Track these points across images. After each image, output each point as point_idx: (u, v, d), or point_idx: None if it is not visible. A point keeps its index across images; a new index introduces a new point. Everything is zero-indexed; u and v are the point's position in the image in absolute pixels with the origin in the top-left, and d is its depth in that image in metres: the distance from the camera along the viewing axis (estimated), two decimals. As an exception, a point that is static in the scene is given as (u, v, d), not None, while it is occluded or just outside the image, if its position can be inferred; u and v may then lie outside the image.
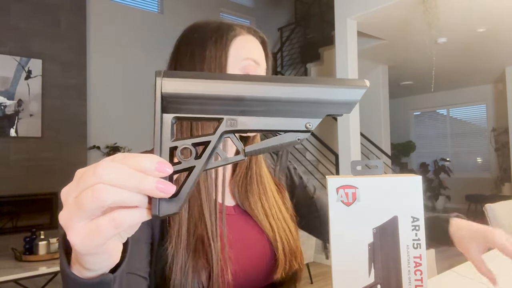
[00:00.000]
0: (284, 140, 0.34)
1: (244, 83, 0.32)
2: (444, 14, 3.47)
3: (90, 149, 4.59)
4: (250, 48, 0.71)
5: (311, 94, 0.33)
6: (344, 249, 0.54)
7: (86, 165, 1.23)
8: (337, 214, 0.55)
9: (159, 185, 0.28)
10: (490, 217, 1.61)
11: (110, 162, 0.29)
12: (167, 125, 0.32)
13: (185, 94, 0.32)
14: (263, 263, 0.70)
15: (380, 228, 0.54)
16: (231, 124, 0.33)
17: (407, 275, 0.53)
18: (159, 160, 0.29)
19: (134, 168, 0.29)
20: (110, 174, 0.28)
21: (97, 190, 0.27)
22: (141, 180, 0.28)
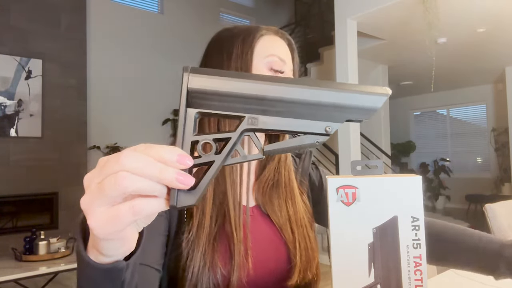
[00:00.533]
0: (304, 142, 0.34)
1: (267, 83, 0.33)
2: (444, 14, 3.47)
3: (90, 149, 4.59)
4: (276, 47, 0.72)
5: (332, 98, 0.34)
6: (344, 249, 0.55)
7: (86, 165, 1.24)
8: (337, 214, 0.55)
9: (179, 177, 0.29)
10: (490, 217, 1.61)
11: (133, 152, 0.30)
12: (191, 119, 0.33)
13: (210, 91, 0.33)
14: (278, 267, 0.70)
15: (380, 228, 0.54)
16: (252, 122, 0.33)
17: (407, 275, 0.53)
18: (180, 152, 0.30)
19: (156, 159, 0.29)
20: (133, 162, 0.29)
21: (120, 177, 0.28)
22: (162, 170, 0.29)
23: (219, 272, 0.62)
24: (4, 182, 3.92)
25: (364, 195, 0.54)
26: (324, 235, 4.10)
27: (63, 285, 3.28)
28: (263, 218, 0.73)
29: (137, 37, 5.23)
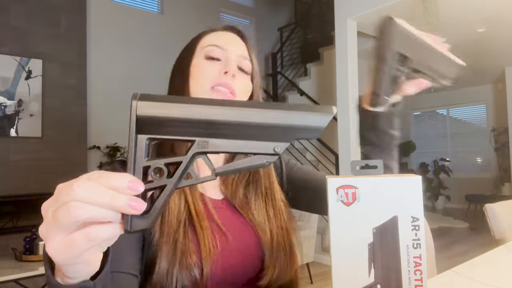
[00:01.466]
0: (254, 162, 0.35)
1: (215, 107, 0.34)
2: (444, 14, 3.47)
3: (90, 149, 4.59)
4: (217, 38, 0.72)
5: (278, 119, 0.34)
6: (344, 249, 0.55)
7: (86, 165, 1.24)
8: (337, 214, 0.55)
9: (131, 203, 0.30)
10: (490, 217, 1.61)
11: (85, 181, 0.31)
12: (141, 145, 0.34)
13: (159, 117, 0.33)
14: (248, 265, 0.68)
15: (380, 228, 0.54)
16: (202, 145, 0.34)
17: (407, 275, 0.53)
18: (131, 179, 0.31)
19: (107, 186, 0.31)
20: (84, 192, 0.30)
21: (72, 207, 0.30)
22: (113, 197, 0.30)
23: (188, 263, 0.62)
24: (4, 182, 3.92)
25: (364, 195, 0.54)
26: (324, 235, 4.09)
27: (63, 285, 3.27)
28: (233, 212, 0.72)
29: (137, 37, 5.23)
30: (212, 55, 0.70)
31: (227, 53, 0.70)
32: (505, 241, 1.52)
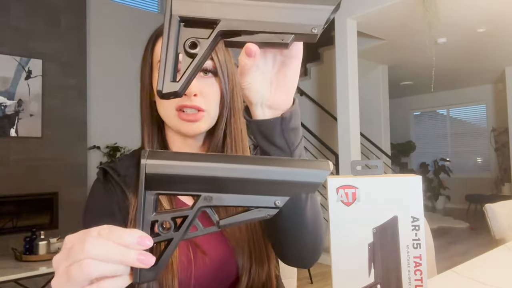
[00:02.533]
0: (255, 215, 0.38)
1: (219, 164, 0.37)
2: (444, 14, 3.47)
3: (90, 149, 4.59)
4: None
5: (278, 175, 0.37)
6: (344, 249, 0.55)
7: (86, 165, 1.23)
8: (337, 214, 0.55)
9: (140, 257, 0.32)
10: (490, 217, 1.61)
11: (97, 238, 0.32)
12: (150, 201, 0.36)
13: (166, 175, 0.36)
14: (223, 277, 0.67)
15: (380, 228, 0.54)
16: (207, 200, 0.37)
17: (407, 275, 0.53)
18: (140, 234, 0.33)
19: (118, 243, 0.32)
20: (96, 250, 0.32)
21: (85, 265, 0.31)
22: (124, 254, 0.32)
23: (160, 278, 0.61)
24: (4, 182, 3.92)
25: (364, 195, 0.54)
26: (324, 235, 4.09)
27: (63, 285, 3.27)
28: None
29: (137, 37, 5.22)
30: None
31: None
32: (505, 241, 1.52)
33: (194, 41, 0.40)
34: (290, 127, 0.50)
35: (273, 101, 0.49)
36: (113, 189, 0.69)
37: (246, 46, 0.40)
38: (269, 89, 0.48)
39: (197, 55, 0.39)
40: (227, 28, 0.40)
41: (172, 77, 0.39)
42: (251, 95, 0.48)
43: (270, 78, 0.48)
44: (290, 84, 0.49)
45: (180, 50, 0.40)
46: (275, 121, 0.49)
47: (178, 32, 0.40)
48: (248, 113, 0.52)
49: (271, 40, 0.40)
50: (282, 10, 0.40)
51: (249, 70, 0.44)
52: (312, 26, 0.40)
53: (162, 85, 0.39)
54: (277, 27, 0.40)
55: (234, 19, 0.40)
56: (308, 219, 0.58)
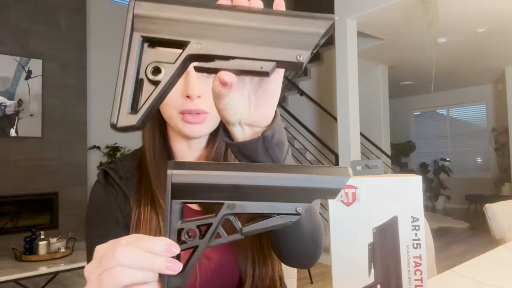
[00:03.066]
0: (277, 222, 0.38)
1: (242, 173, 0.37)
2: (444, 14, 3.47)
3: (90, 149, 4.59)
4: None
5: (299, 183, 0.37)
6: (344, 249, 0.55)
7: (86, 165, 1.23)
8: (337, 214, 0.55)
9: (168, 264, 0.34)
10: (490, 217, 1.61)
11: (126, 246, 0.34)
12: (175, 210, 0.37)
13: (191, 184, 0.37)
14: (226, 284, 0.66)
15: (380, 228, 0.54)
16: (230, 208, 0.37)
17: (407, 275, 0.53)
18: (168, 242, 0.34)
19: (146, 250, 0.34)
20: (127, 257, 0.33)
21: (116, 273, 0.32)
22: (153, 261, 0.33)
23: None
24: (4, 182, 3.92)
25: (364, 195, 0.54)
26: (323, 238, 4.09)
27: (63, 285, 3.28)
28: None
29: (137, 37, 5.23)
30: None
31: None
32: (505, 241, 1.52)
33: (158, 66, 0.35)
34: (273, 143, 0.46)
35: (252, 119, 0.44)
36: (114, 192, 0.68)
37: (220, 75, 0.36)
38: (248, 106, 0.43)
39: (160, 82, 0.34)
40: (197, 52, 0.35)
41: (131, 108, 0.35)
42: (229, 116, 0.43)
43: (248, 93, 0.43)
44: (271, 98, 0.44)
45: (142, 76, 0.35)
46: (256, 141, 0.45)
47: (140, 54, 0.35)
48: (226, 133, 0.47)
49: (249, 68, 0.35)
50: (262, 33, 0.34)
51: (225, 96, 0.40)
52: (297, 53, 0.35)
53: (117, 117, 0.35)
54: (257, 52, 0.34)
55: (206, 41, 0.34)
56: (305, 231, 0.57)
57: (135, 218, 0.65)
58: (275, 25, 0.35)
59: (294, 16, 0.35)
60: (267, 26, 0.35)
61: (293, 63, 0.35)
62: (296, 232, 0.56)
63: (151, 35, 0.35)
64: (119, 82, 0.35)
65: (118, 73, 0.35)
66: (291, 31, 0.35)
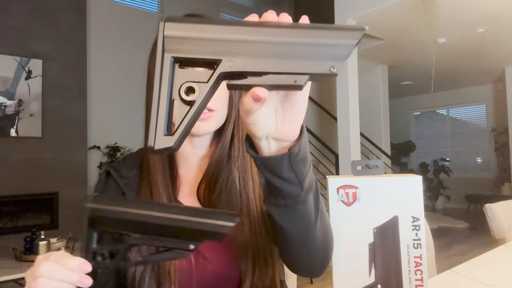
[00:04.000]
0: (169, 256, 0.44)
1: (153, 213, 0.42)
2: (444, 14, 3.47)
3: (90, 149, 4.59)
4: None
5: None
6: (344, 249, 0.55)
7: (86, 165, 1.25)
8: (337, 214, 0.55)
9: (81, 279, 0.44)
10: (490, 217, 1.61)
11: (50, 262, 0.44)
12: (91, 236, 0.45)
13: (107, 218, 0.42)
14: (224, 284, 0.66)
15: (380, 228, 0.54)
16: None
17: (408, 275, 0.53)
18: (82, 261, 0.44)
19: (65, 267, 0.44)
20: (48, 271, 0.44)
21: (39, 282, 0.44)
22: (68, 275, 0.44)
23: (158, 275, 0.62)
24: (4, 182, 3.92)
25: (365, 195, 0.54)
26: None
27: (63, 285, 3.27)
28: None
29: (137, 37, 5.23)
30: None
31: None
32: (505, 241, 1.52)
33: (191, 86, 0.34)
34: (299, 158, 0.45)
35: (279, 133, 0.43)
36: (113, 192, 0.69)
37: (254, 91, 0.35)
38: (275, 121, 0.42)
39: (195, 102, 0.34)
40: (230, 70, 0.34)
41: (166, 129, 0.34)
42: (256, 131, 0.42)
43: (275, 106, 0.42)
44: (298, 112, 0.43)
45: (175, 96, 0.35)
46: (283, 157, 0.44)
47: (172, 75, 0.35)
48: (250, 144, 0.46)
49: (282, 82, 0.34)
50: (294, 47, 0.34)
51: (256, 111, 0.39)
52: (330, 64, 0.34)
53: (154, 140, 0.34)
54: (290, 66, 0.34)
55: (237, 58, 0.34)
56: (318, 239, 0.55)
57: None
58: (306, 38, 0.34)
59: (326, 28, 0.35)
60: (298, 40, 0.34)
61: (326, 74, 0.34)
62: (309, 240, 0.54)
63: (182, 55, 0.35)
64: (154, 105, 0.34)
65: (153, 96, 0.34)
66: (323, 44, 0.34)
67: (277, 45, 0.34)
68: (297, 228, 0.51)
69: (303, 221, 0.50)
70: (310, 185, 0.48)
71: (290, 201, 0.48)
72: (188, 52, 0.35)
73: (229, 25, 0.35)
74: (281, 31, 0.35)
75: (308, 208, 0.49)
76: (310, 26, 0.35)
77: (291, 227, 0.51)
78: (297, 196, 0.47)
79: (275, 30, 0.35)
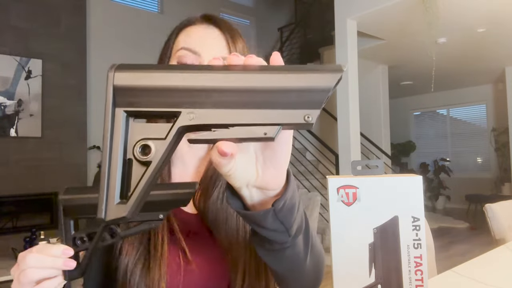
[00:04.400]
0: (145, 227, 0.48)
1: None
2: (444, 14, 3.47)
3: (90, 149, 4.59)
4: (192, 38, 0.65)
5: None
6: (345, 249, 0.54)
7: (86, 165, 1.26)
8: (337, 214, 0.55)
9: (66, 263, 0.47)
10: (490, 217, 1.61)
11: (34, 253, 0.47)
12: (68, 224, 0.49)
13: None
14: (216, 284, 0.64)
15: (380, 228, 0.54)
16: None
17: (408, 275, 0.53)
18: (64, 247, 0.48)
19: (49, 255, 0.47)
20: (34, 261, 0.47)
21: (28, 272, 0.47)
22: (54, 261, 0.47)
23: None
24: (4, 182, 3.92)
25: (365, 195, 0.54)
26: (324, 235, 4.09)
27: (63, 285, 3.27)
28: (202, 232, 0.65)
29: (137, 37, 5.23)
30: (185, 61, 0.63)
31: (200, 58, 0.63)
32: (505, 241, 1.52)
33: (147, 144, 0.30)
34: (285, 210, 0.40)
35: (261, 182, 0.39)
36: None
37: (219, 146, 0.31)
38: (255, 169, 0.38)
39: (151, 162, 0.30)
40: (191, 123, 0.30)
41: (119, 196, 0.29)
42: (234, 181, 0.38)
43: (255, 152, 0.38)
44: (281, 160, 0.38)
45: (130, 155, 0.30)
46: (266, 213, 0.40)
47: (126, 131, 0.30)
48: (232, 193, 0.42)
49: (251, 135, 0.30)
50: (263, 95, 0.30)
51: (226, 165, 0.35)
52: (305, 113, 0.30)
53: (105, 210, 0.29)
54: (259, 117, 0.30)
55: (199, 110, 0.30)
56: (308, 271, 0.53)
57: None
58: (277, 84, 0.30)
59: (297, 71, 0.30)
60: (267, 86, 0.30)
61: (300, 124, 0.30)
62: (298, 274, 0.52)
63: (136, 108, 0.30)
64: (104, 166, 0.29)
65: (102, 159, 0.30)
66: (296, 89, 0.30)
67: (243, 93, 0.30)
68: (285, 267, 0.49)
69: (292, 261, 0.48)
70: (299, 228, 0.45)
71: (277, 246, 0.45)
72: (142, 105, 0.30)
73: (188, 72, 0.30)
74: (247, 76, 0.30)
75: (297, 250, 0.47)
76: (280, 68, 0.31)
77: (279, 267, 0.49)
78: (284, 243, 0.44)
79: (240, 75, 0.30)
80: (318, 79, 0.30)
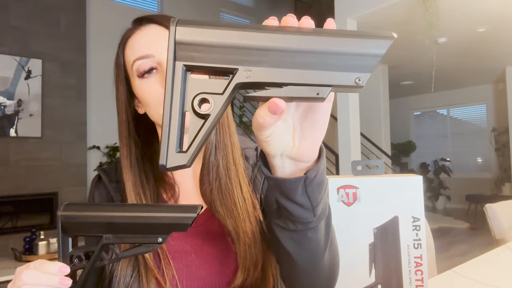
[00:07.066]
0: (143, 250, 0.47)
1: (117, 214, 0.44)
2: (444, 14, 3.47)
3: (90, 149, 4.59)
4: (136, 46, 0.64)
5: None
6: (345, 249, 0.54)
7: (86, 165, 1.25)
8: (338, 214, 0.55)
9: (62, 281, 0.47)
10: (490, 217, 1.61)
11: (31, 269, 0.47)
12: (66, 241, 0.48)
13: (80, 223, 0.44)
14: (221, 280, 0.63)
15: (380, 228, 0.54)
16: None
17: (408, 275, 0.53)
18: (61, 265, 0.47)
19: (45, 272, 0.47)
20: (30, 278, 0.47)
21: None
22: (50, 279, 0.47)
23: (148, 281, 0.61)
24: (4, 182, 3.92)
25: (365, 195, 0.54)
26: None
27: (63, 285, 3.27)
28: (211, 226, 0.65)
29: (137, 37, 5.23)
30: (143, 69, 0.62)
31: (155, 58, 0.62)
32: (505, 241, 1.52)
33: (205, 98, 0.32)
34: (315, 183, 0.41)
35: (295, 152, 0.39)
36: (102, 195, 0.69)
37: (271, 102, 0.32)
38: (292, 138, 0.39)
39: (209, 116, 0.31)
40: (247, 81, 0.31)
41: (178, 145, 0.31)
42: (270, 149, 0.39)
43: (293, 123, 0.39)
44: (318, 132, 0.39)
45: (188, 108, 0.31)
46: (298, 180, 0.40)
47: (185, 85, 0.31)
48: (264, 163, 0.43)
49: (303, 94, 0.31)
50: (317, 56, 0.31)
51: (270, 126, 0.35)
52: (356, 76, 0.31)
53: (166, 158, 0.31)
54: (312, 77, 0.31)
55: (255, 68, 0.31)
56: (325, 267, 0.52)
57: None
58: (331, 47, 0.31)
59: (351, 36, 0.31)
60: (322, 48, 0.31)
61: (351, 87, 0.31)
62: (315, 268, 0.51)
63: (196, 63, 0.32)
64: (165, 118, 0.31)
65: (163, 109, 0.31)
66: (349, 53, 0.31)
67: (299, 54, 0.31)
68: (304, 255, 0.49)
69: (311, 248, 0.48)
70: (323, 211, 0.45)
71: (300, 227, 0.45)
72: (201, 60, 0.31)
73: (247, 30, 0.31)
74: (303, 38, 0.31)
75: (319, 235, 0.47)
76: (335, 32, 0.32)
77: (298, 253, 0.48)
78: (309, 223, 0.44)
79: (296, 37, 0.31)
80: (372, 44, 0.31)
